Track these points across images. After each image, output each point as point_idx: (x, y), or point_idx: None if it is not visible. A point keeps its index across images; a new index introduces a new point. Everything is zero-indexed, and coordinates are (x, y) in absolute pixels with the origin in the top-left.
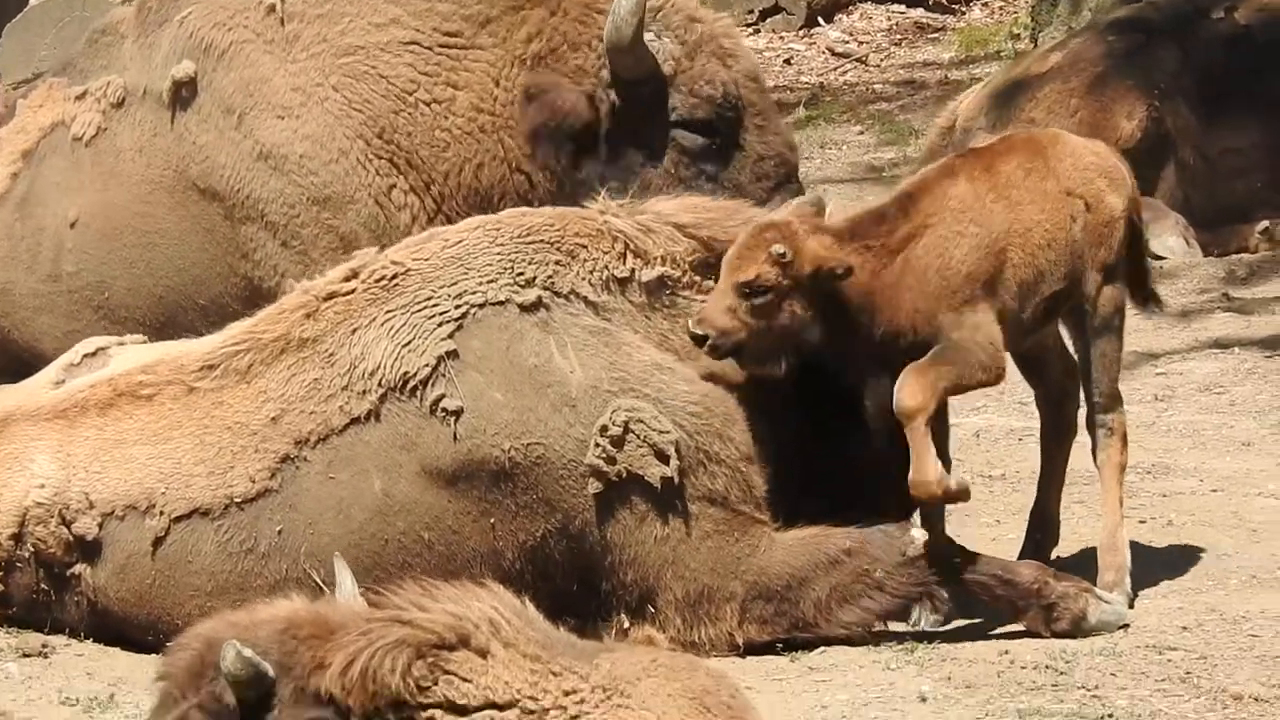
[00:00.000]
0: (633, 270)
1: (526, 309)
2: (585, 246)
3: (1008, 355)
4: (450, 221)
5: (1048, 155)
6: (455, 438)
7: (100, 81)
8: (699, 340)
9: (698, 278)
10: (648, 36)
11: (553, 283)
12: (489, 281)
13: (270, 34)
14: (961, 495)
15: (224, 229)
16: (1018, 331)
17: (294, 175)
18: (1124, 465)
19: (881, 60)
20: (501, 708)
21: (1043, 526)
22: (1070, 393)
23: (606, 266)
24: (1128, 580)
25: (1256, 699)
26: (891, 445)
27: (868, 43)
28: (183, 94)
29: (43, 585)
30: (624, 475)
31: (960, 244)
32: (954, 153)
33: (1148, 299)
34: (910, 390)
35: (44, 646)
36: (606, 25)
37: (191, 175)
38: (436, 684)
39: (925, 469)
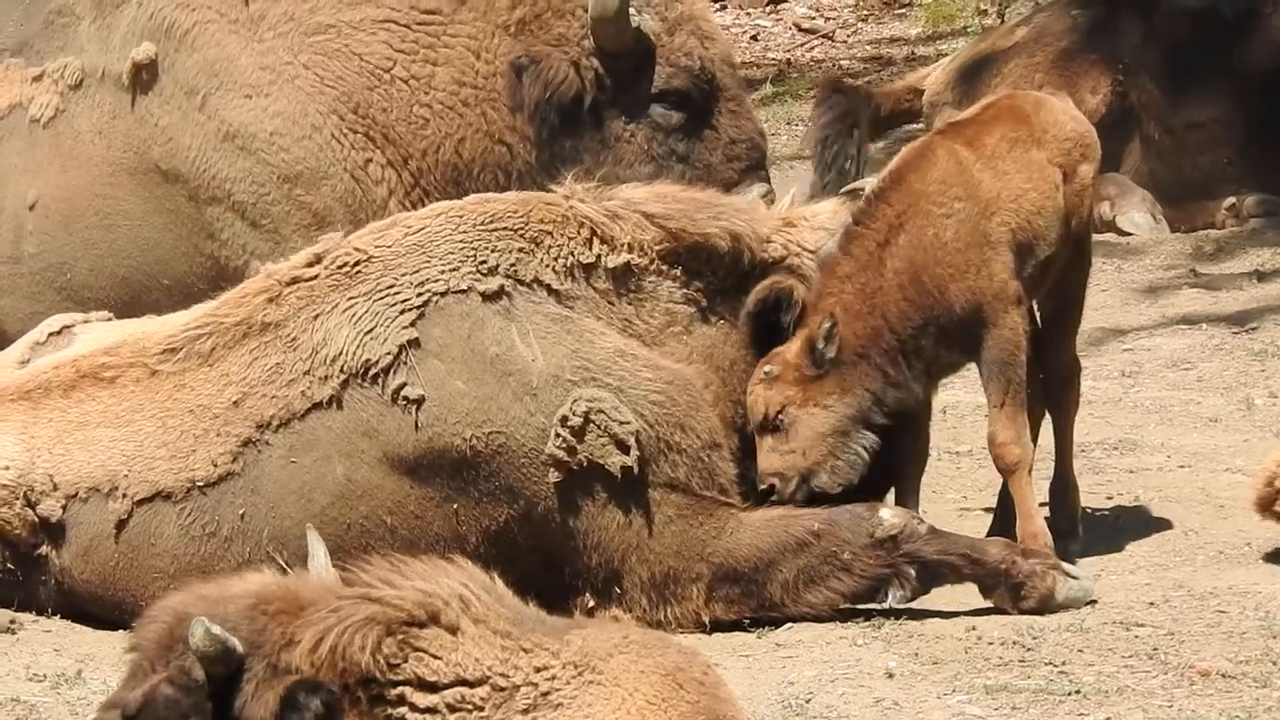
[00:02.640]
0: (598, 256)
1: (489, 297)
2: (549, 233)
3: None
4: (427, 195)
5: (1032, 124)
6: (417, 426)
7: (58, 63)
8: (770, 493)
9: (665, 266)
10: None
11: (515, 270)
12: (451, 270)
13: (234, 14)
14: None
15: (188, 210)
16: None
17: (263, 154)
18: None
19: (848, 36)
20: (472, 684)
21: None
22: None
23: (571, 253)
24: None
25: (1224, 675)
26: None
27: (834, 18)
28: (143, 76)
29: (9, 566)
30: (585, 464)
31: (947, 224)
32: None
33: None
34: (1007, 444)
35: (12, 623)
36: None
37: (154, 157)
38: (406, 661)
39: (1038, 522)
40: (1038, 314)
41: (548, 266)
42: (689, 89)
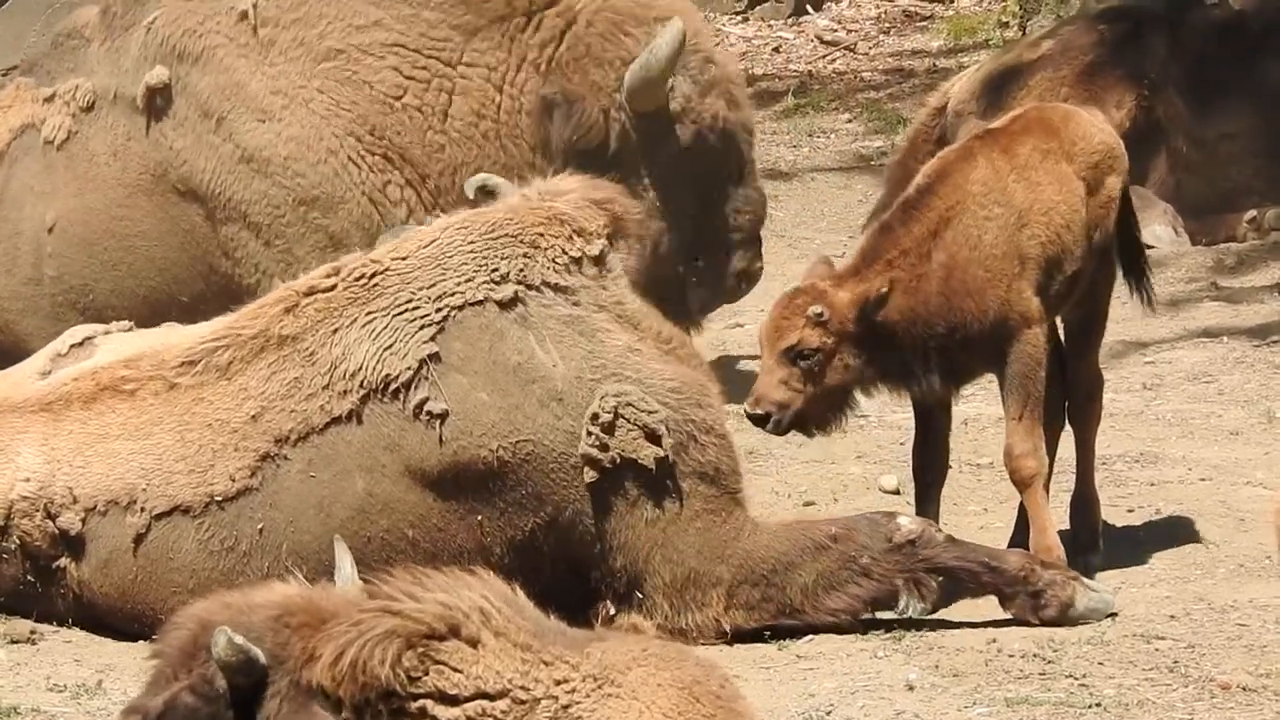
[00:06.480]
0: (581, 249)
1: (504, 306)
2: (542, 234)
3: None
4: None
5: (1061, 136)
6: (441, 440)
7: (68, 84)
8: (759, 421)
9: (610, 244)
10: None
11: (524, 275)
12: (466, 281)
13: (243, 39)
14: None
15: (205, 230)
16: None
17: (278, 177)
18: None
19: (870, 48)
20: (492, 697)
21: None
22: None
23: (564, 250)
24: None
25: (1244, 688)
26: None
27: (856, 31)
28: (157, 100)
29: (28, 577)
30: (618, 460)
31: (988, 227)
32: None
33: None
34: (1023, 457)
35: (32, 633)
36: (640, 57)
37: (171, 179)
38: (427, 674)
39: (1052, 536)
40: (1061, 328)
41: (549, 267)
42: (709, 152)
